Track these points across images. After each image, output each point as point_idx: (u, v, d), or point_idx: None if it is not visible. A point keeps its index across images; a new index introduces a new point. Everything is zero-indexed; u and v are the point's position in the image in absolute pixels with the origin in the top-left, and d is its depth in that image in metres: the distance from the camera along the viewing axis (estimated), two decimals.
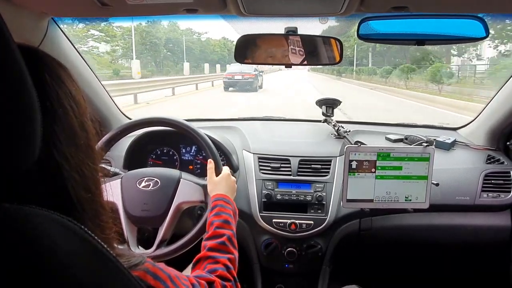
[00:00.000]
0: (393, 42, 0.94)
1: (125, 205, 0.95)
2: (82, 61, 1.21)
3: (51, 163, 0.37)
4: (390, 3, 0.79)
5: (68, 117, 0.39)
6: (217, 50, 37.44)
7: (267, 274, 1.26)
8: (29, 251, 0.30)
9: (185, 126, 1.00)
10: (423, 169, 1.06)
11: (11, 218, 0.31)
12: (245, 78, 12.86)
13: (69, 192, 0.38)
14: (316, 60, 0.97)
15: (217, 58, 35.42)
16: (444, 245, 1.28)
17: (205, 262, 0.68)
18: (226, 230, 0.75)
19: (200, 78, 18.26)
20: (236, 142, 1.36)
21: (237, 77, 12.87)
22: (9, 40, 0.30)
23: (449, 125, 1.64)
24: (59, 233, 0.33)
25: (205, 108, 9.01)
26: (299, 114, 6.83)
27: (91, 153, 0.42)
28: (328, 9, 0.85)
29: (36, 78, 0.34)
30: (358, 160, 1.06)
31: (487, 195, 1.21)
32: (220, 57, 36.41)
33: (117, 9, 0.85)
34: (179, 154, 1.37)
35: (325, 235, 1.19)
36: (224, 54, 36.84)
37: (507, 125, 1.29)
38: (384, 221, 1.22)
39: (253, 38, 0.95)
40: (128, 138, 1.17)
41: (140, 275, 0.43)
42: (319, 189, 1.20)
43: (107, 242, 0.38)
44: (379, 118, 6.41)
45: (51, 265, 0.31)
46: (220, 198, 0.85)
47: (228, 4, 0.81)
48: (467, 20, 0.85)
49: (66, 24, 1.07)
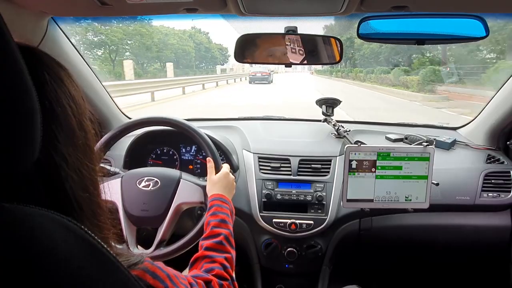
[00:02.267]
0: (393, 42, 0.94)
1: (124, 205, 0.95)
2: (82, 61, 1.21)
3: (49, 163, 0.37)
4: (390, 3, 0.78)
5: (67, 116, 0.39)
6: (173, 42, 29.38)
7: (267, 274, 1.26)
8: (29, 250, 0.30)
9: (185, 126, 1.00)
10: (423, 169, 1.06)
11: (10, 218, 0.31)
12: (262, 75, 19.70)
13: (67, 192, 0.38)
14: (316, 59, 0.97)
15: (174, 56, 28.71)
16: (444, 245, 1.28)
17: (202, 262, 0.68)
18: (223, 230, 0.76)
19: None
20: (236, 141, 1.36)
21: (257, 74, 19.78)
22: (8, 39, 0.30)
23: (449, 124, 1.64)
24: (58, 233, 0.33)
25: (243, 89, 16.00)
26: (295, 97, 10.93)
27: (89, 153, 0.42)
28: (328, 9, 0.85)
29: (36, 77, 0.34)
30: (358, 160, 1.05)
31: (487, 195, 1.21)
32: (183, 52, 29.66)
33: (117, 9, 0.85)
34: (179, 153, 1.37)
35: (325, 235, 1.19)
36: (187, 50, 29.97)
37: (507, 125, 1.29)
38: (384, 221, 1.22)
39: (253, 38, 0.95)
40: (128, 138, 1.17)
41: (139, 274, 0.43)
42: (319, 189, 1.20)
43: (105, 242, 0.38)
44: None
45: (51, 265, 0.31)
46: (217, 198, 0.85)
47: (228, 4, 0.81)
48: (467, 20, 0.85)
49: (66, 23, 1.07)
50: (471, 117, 1.52)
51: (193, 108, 9.23)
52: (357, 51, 24.99)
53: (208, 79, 19.12)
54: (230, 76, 24.24)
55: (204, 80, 18.01)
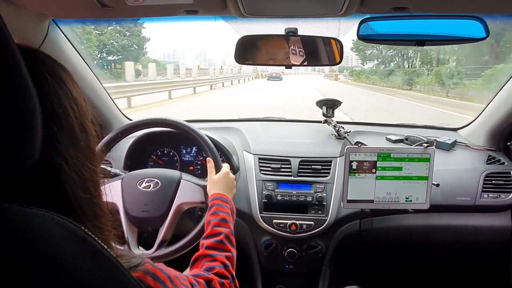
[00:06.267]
0: (393, 43, 0.94)
1: (125, 206, 0.95)
2: (83, 63, 1.21)
3: (50, 164, 0.37)
4: (390, 4, 0.79)
5: (68, 118, 0.39)
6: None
7: (267, 275, 1.26)
8: (29, 251, 0.30)
9: (185, 127, 1.00)
10: (424, 170, 1.06)
11: (11, 219, 0.31)
12: (276, 75, 27.95)
13: (68, 193, 0.38)
14: (317, 60, 0.97)
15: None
16: (444, 245, 1.28)
17: (203, 261, 0.68)
18: (224, 229, 0.76)
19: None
20: (236, 142, 1.36)
21: (273, 74, 28.06)
22: (9, 41, 0.30)
23: (450, 125, 1.64)
24: (59, 234, 0.33)
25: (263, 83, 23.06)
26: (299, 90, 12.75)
27: (90, 155, 0.42)
28: (328, 10, 0.85)
29: (36, 78, 0.34)
30: (359, 161, 1.06)
31: (487, 196, 1.20)
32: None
33: (117, 11, 0.86)
34: (180, 155, 1.37)
35: (325, 236, 1.19)
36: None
37: (507, 126, 1.29)
38: (384, 222, 1.22)
39: (253, 39, 0.95)
40: (129, 139, 1.18)
41: (140, 276, 0.43)
42: (320, 189, 1.20)
43: (106, 243, 0.38)
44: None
45: (51, 266, 0.31)
46: (218, 197, 0.85)
47: (228, 5, 0.81)
48: (467, 21, 0.85)
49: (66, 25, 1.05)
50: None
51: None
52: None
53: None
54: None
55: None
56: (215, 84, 18.69)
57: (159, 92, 10.94)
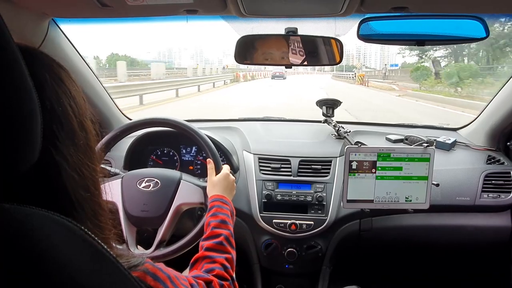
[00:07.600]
0: (394, 43, 0.94)
1: (125, 205, 0.95)
2: (83, 62, 1.21)
3: (50, 163, 0.37)
4: (390, 4, 0.79)
5: (68, 117, 0.39)
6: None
7: (267, 275, 1.26)
8: (29, 251, 0.30)
9: (185, 127, 1.00)
10: (424, 170, 1.06)
11: (11, 219, 0.31)
12: (280, 74, 29.37)
13: (68, 192, 0.38)
14: (317, 60, 0.97)
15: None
16: (444, 245, 1.28)
17: (202, 262, 0.68)
18: (223, 230, 0.76)
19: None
20: (236, 142, 1.36)
21: (277, 73, 29.49)
22: (9, 40, 0.30)
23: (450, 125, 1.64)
24: (59, 234, 0.33)
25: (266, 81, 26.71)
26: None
27: (90, 153, 0.42)
28: (328, 10, 0.85)
29: (36, 78, 0.34)
30: (359, 161, 1.05)
31: (487, 196, 1.20)
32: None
33: (117, 10, 0.86)
34: (179, 154, 1.37)
35: (325, 236, 1.19)
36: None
37: (507, 125, 1.29)
38: (384, 222, 1.22)
39: (253, 39, 0.95)
40: (129, 139, 1.18)
41: (139, 275, 0.43)
42: (319, 189, 1.20)
43: (106, 242, 0.38)
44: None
45: (51, 266, 0.31)
46: (217, 199, 0.85)
47: (228, 5, 0.81)
48: (467, 21, 0.85)
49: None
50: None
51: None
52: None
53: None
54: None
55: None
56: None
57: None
